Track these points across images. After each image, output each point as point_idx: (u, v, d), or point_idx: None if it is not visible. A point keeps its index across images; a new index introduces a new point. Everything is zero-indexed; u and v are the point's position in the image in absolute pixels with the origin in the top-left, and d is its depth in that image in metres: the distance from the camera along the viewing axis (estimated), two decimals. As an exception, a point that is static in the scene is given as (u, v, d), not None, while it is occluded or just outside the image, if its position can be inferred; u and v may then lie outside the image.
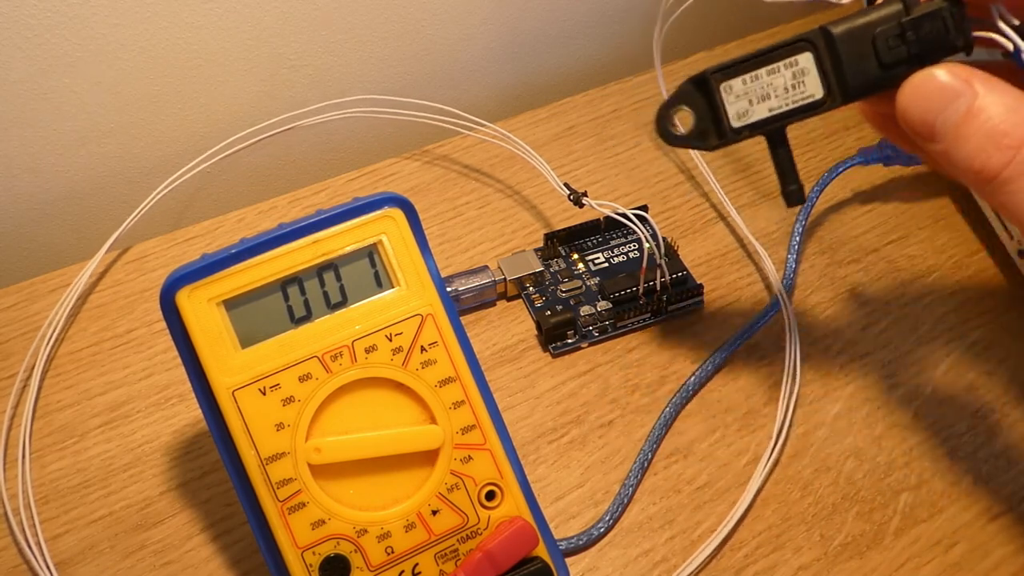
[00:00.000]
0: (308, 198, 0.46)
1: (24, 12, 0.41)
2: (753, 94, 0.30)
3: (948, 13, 0.27)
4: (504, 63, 0.50)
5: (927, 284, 0.42)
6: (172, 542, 0.34)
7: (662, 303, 0.40)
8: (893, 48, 0.28)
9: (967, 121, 0.26)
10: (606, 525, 0.34)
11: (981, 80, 0.26)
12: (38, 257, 0.48)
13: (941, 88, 0.27)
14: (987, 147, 0.26)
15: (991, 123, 0.26)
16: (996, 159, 0.26)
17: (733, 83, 0.30)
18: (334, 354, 0.29)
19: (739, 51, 0.54)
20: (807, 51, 0.29)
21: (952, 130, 0.26)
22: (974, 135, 0.26)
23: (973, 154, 0.26)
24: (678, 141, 0.31)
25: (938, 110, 0.27)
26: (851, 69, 0.28)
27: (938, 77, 0.27)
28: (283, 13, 0.46)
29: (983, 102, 0.26)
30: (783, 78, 0.29)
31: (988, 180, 0.26)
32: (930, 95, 0.27)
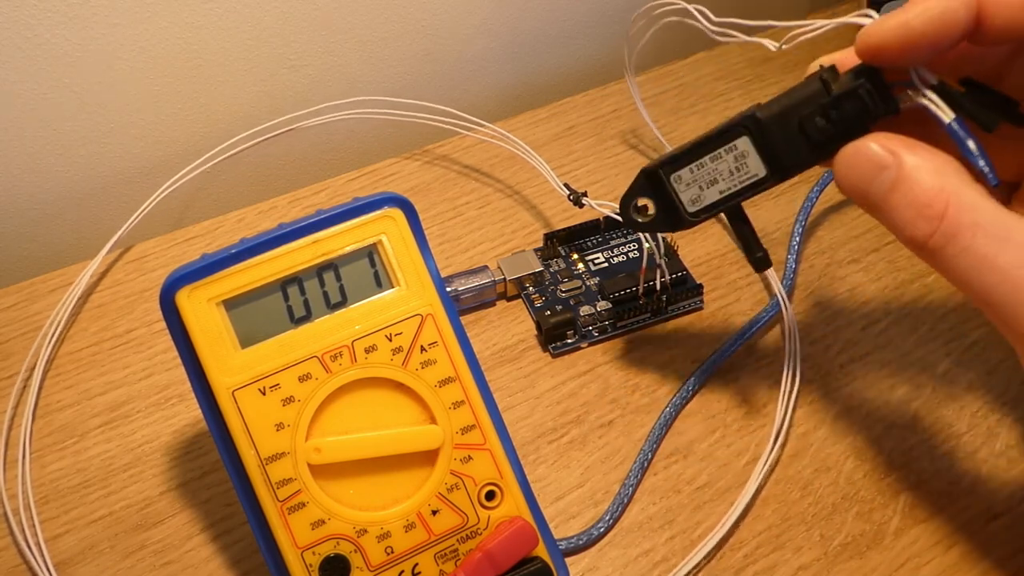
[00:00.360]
0: (308, 198, 0.46)
1: (24, 12, 0.41)
2: (702, 180, 0.31)
3: (865, 91, 0.28)
4: (504, 63, 0.50)
5: (927, 284, 0.42)
6: (172, 542, 0.34)
7: (662, 303, 0.40)
8: (820, 127, 0.29)
9: (894, 192, 0.27)
10: (606, 525, 0.34)
11: (907, 148, 0.27)
12: (38, 257, 0.48)
13: (868, 160, 0.27)
14: (914, 217, 0.26)
15: (914, 193, 0.26)
16: (922, 229, 0.26)
17: (681, 173, 0.31)
18: (334, 354, 0.29)
19: (739, 50, 0.54)
20: (744, 135, 0.30)
21: (882, 201, 0.27)
22: (901, 206, 0.27)
23: (903, 224, 0.27)
24: (643, 227, 0.33)
25: (868, 181, 0.27)
26: (783, 150, 0.30)
27: (864, 150, 0.28)
28: (283, 13, 0.46)
29: (908, 172, 0.27)
30: (726, 162, 0.31)
31: (920, 248, 0.27)
32: (859, 167, 0.28)
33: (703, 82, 0.52)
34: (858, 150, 0.28)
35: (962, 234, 0.26)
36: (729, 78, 0.52)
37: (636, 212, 0.33)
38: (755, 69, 0.53)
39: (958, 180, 0.26)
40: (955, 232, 0.26)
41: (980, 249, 0.26)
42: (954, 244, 0.26)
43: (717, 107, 0.51)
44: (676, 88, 0.52)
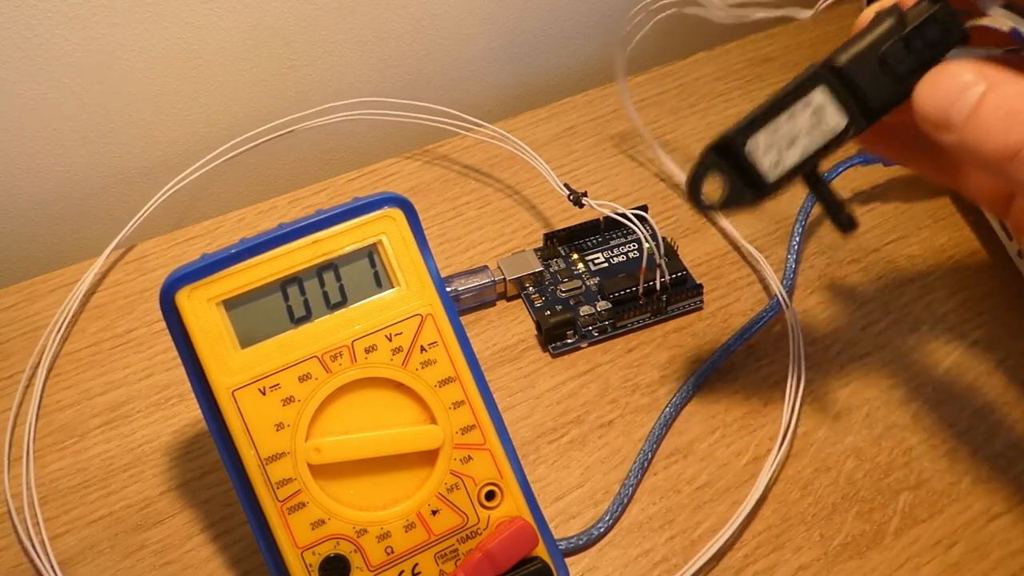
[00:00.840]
0: (308, 198, 0.46)
1: (24, 12, 0.41)
2: (780, 143, 0.30)
3: (945, 13, 0.28)
4: (504, 63, 0.50)
5: (927, 284, 0.42)
6: (172, 542, 0.34)
7: (662, 303, 0.40)
8: (903, 60, 0.28)
9: (982, 104, 0.26)
10: (606, 525, 0.34)
11: (994, 69, 0.27)
12: (38, 257, 0.48)
13: (955, 79, 0.27)
14: (1004, 125, 0.26)
15: (1007, 102, 0.26)
16: (1015, 135, 0.26)
17: (759, 139, 0.30)
18: (334, 354, 0.29)
19: (739, 50, 0.54)
20: (820, 85, 0.29)
21: (968, 115, 0.27)
22: (991, 115, 0.26)
23: (990, 135, 0.26)
24: (715, 208, 0.31)
25: (953, 99, 0.27)
26: (870, 91, 0.29)
27: (952, 69, 0.27)
28: (283, 13, 0.46)
29: (997, 86, 0.26)
30: (803, 119, 0.29)
31: (1009, 158, 0.26)
32: (946, 87, 0.27)
33: (703, 82, 0.52)
34: (944, 70, 0.27)
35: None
36: (729, 78, 0.52)
37: (705, 196, 0.30)
38: (755, 69, 0.53)
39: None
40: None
41: None
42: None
43: (717, 107, 0.51)
44: (676, 88, 0.52)
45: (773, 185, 0.30)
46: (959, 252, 0.43)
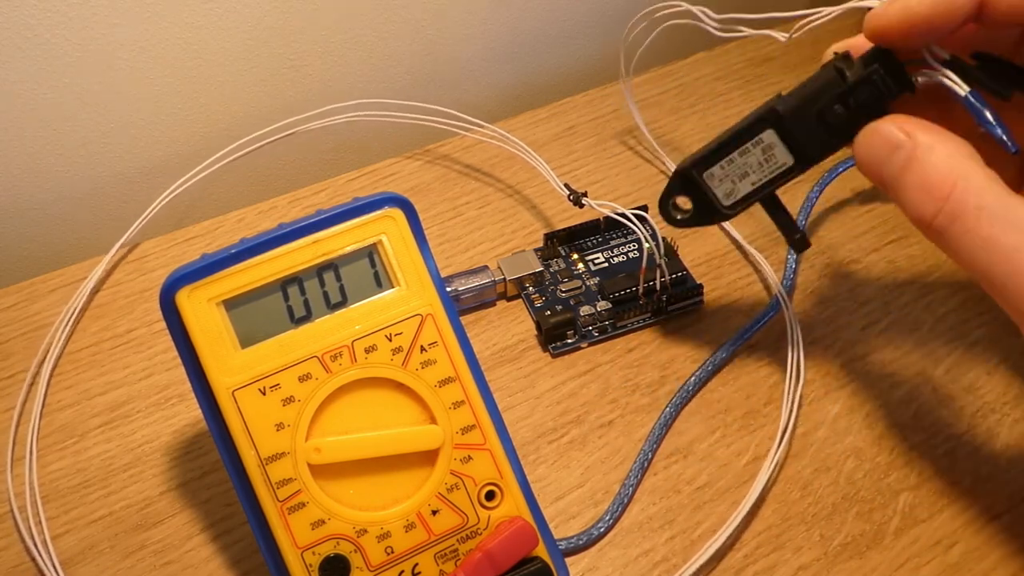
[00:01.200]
0: (308, 198, 0.46)
1: (24, 12, 0.41)
2: (733, 175, 0.33)
3: (879, 76, 0.29)
4: (504, 63, 0.50)
5: (927, 284, 0.42)
6: (172, 542, 0.34)
7: (662, 303, 0.40)
8: (839, 115, 0.30)
9: (905, 171, 0.28)
10: (606, 525, 0.34)
11: (921, 130, 0.28)
12: (38, 257, 0.48)
13: (883, 140, 0.28)
14: (922, 197, 0.27)
15: (924, 173, 0.27)
16: (928, 208, 0.27)
17: (714, 171, 0.33)
18: (334, 354, 0.29)
19: (739, 50, 0.54)
20: (769, 128, 0.32)
21: (894, 180, 0.28)
22: (911, 185, 0.27)
23: (911, 204, 0.28)
24: (682, 223, 0.35)
25: (883, 161, 0.28)
26: (807, 140, 0.31)
27: (880, 130, 0.28)
28: (283, 13, 0.46)
29: (920, 152, 0.27)
30: (755, 155, 0.32)
31: (926, 228, 0.27)
32: (875, 147, 0.29)
33: (703, 82, 0.52)
34: (874, 130, 0.29)
35: (967, 216, 0.26)
36: (729, 78, 0.52)
37: (675, 210, 0.35)
38: (755, 69, 0.53)
39: (969, 163, 0.27)
40: (960, 213, 0.26)
41: (983, 231, 0.26)
42: (958, 225, 0.26)
43: (717, 107, 0.51)
44: (676, 88, 0.52)
45: (729, 210, 0.34)
46: (959, 252, 0.43)
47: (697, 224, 0.35)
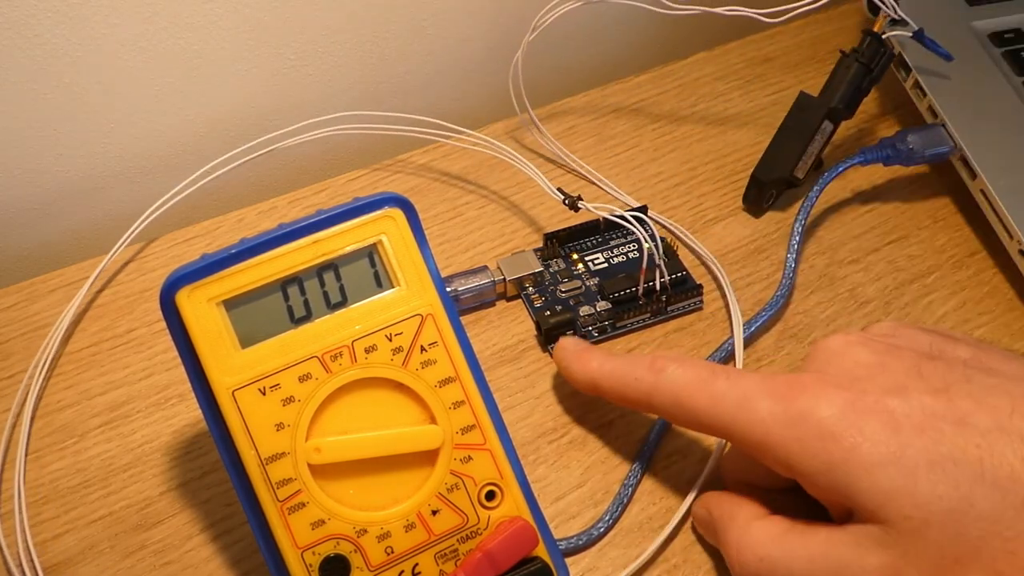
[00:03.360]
0: (308, 198, 0.46)
1: (24, 12, 0.41)
2: (806, 159, 0.44)
3: (875, 39, 0.43)
4: (503, 63, 0.50)
5: (927, 284, 0.42)
6: (172, 542, 0.34)
7: (662, 303, 0.40)
8: (864, 77, 0.44)
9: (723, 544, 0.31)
10: (606, 525, 0.34)
11: (718, 505, 0.32)
12: (38, 257, 0.48)
13: (699, 520, 0.34)
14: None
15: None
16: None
17: (797, 165, 0.44)
18: (334, 354, 0.29)
19: (739, 50, 0.54)
20: (827, 120, 0.44)
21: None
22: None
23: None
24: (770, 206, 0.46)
25: (711, 532, 0.33)
26: (845, 110, 0.44)
27: (696, 513, 0.34)
28: (284, 13, 0.46)
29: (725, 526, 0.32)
30: (818, 142, 0.44)
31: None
32: (701, 525, 0.34)
33: (703, 82, 0.52)
34: (693, 511, 0.33)
35: (762, 567, 0.29)
36: (729, 78, 0.52)
37: (767, 200, 0.45)
38: (755, 69, 0.53)
39: (747, 516, 0.30)
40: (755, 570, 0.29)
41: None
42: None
43: (717, 107, 0.51)
44: (676, 88, 0.52)
45: (801, 181, 0.45)
46: (959, 252, 0.43)
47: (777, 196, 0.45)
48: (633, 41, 0.58)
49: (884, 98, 0.51)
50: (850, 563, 0.27)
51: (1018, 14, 0.48)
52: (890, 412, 0.27)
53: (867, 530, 0.27)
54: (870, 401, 0.28)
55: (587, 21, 0.55)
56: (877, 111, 0.50)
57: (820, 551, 0.28)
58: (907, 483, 0.26)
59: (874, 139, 0.47)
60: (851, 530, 0.27)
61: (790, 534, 0.29)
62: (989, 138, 0.43)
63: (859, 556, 0.27)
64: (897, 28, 0.43)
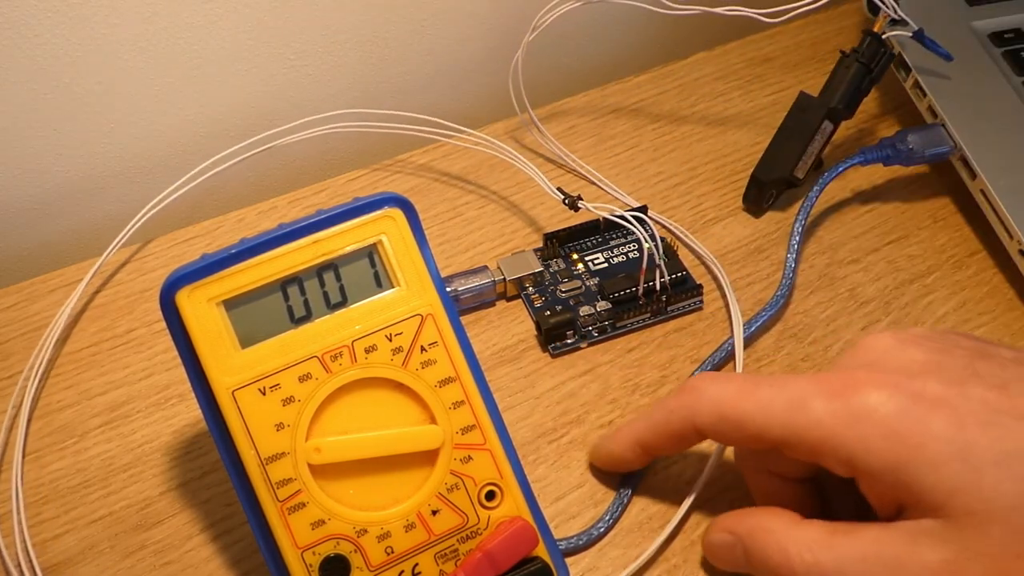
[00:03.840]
0: (308, 198, 0.46)
1: (24, 12, 0.41)
2: (806, 158, 0.44)
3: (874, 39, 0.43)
4: (503, 63, 0.50)
5: (927, 284, 0.42)
6: (172, 542, 0.34)
7: (662, 303, 0.40)
8: (864, 77, 0.44)
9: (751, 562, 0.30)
10: (606, 525, 0.34)
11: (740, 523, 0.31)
12: (38, 257, 0.48)
13: (718, 546, 0.32)
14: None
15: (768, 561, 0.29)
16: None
17: (797, 165, 0.44)
18: (334, 354, 0.29)
19: (739, 50, 0.54)
20: (827, 120, 0.44)
21: (751, 569, 0.30)
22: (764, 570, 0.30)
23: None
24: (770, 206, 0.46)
25: (730, 561, 0.31)
26: (845, 110, 0.44)
27: (711, 539, 0.32)
28: (284, 13, 0.46)
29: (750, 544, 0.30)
30: (818, 141, 0.44)
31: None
32: (716, 554, 0.32)
33: (703, 82, 0.52)
34: (709, 542, 0.32)
35: (814, 571, 0.28)
36: (729, 78, 0.52)
37: (767, 200, 0.45)
38: (755, 69, 0.53)
39: (782, 525, 0.29)
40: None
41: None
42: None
43: (717, 107, 0.51)
44: (676, 88, 0.52)
45: (801, 181, 0.45)
46: (959, 252, 0.43)
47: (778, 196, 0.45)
48: (633, 41, 0.58)
49: (884, 98, 0.51)
50: (907, 560, 0.26)
51: (1018, 14, 0.48)
52: (953, 408, 0.27)
53: (923, 525, 0.26)
54: (931, 398, 0.27)
55: (587, 21, 0.55)
56: (877, 111, 0.50)
57: (873, 550, 0.27)
58: (973, 479, 0.26)
59: (874, 139, 0.47)
60: (905, 527, 0.27)
61: (837, 536, 0.28)
62: (989, 138, 0.43)
63: (916, 552, 0.26)
64: (897, 28, 0.43)
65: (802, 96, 0.44)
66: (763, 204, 0.45)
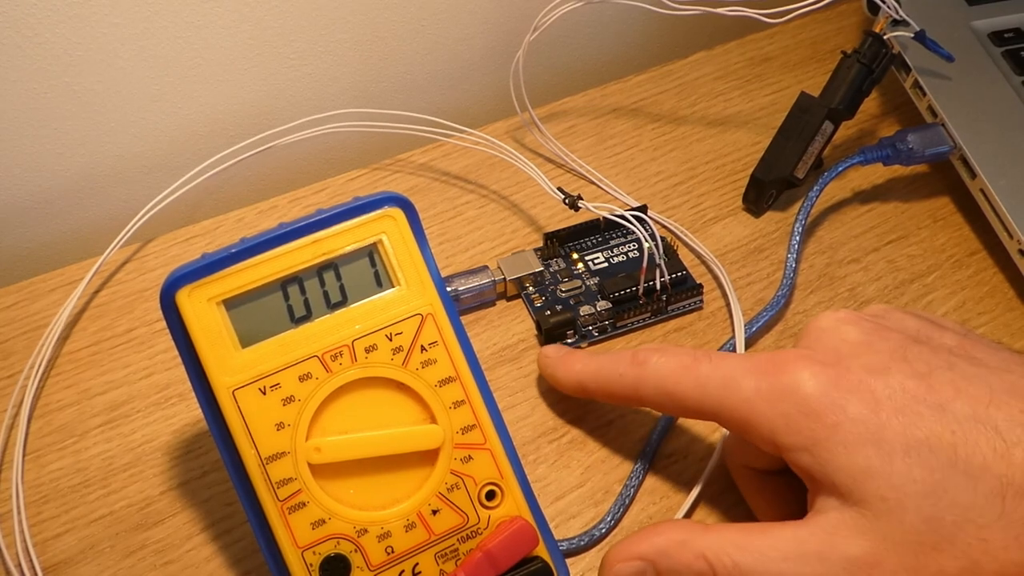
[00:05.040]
0: (308, 198, 0.46)
1: (24, 12, 0.41)
2: (807, 158, 0.44)
3: (875, 40, 0.43)
4: (504, 63, 0.50)
5: (927, 284, 0.42)
6: (172, 542, 0.34)
7: (662, 303, 0.40)
8: (864, 78, 0.44)
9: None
10: (608, 526, 0.34)
11: (643, 545, 0.30)
12: (38, 257, 0.48)
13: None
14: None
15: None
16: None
17: (797, 165, 0.44)
18: (334, 354, 0.29)
19: (739, 50, 0.54)
20: (827, 120, 0.44)
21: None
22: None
23: None
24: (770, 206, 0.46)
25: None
26: (846, 110, 0.44)
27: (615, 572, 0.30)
28: (284, 12, 0.46)
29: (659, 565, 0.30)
30: (819, 142, 0.44)
31: None
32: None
33: (703, 82, 0.52)
34: (613, 574, 0.30)
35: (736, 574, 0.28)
36: (729, 78, 0.52)
37: (767, 200, 0.45)
38: (755, 69, 0.53)
39: (693, 534, 0.29)
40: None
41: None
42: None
43: (717, 107, 0.51)
44: (676, 88, 0.52)
45: (801, 181, 0.45)
46: (959, 252, 0.43)
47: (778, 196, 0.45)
48: (633, 41, 0.58)
49: (884, 98, 0.51)
50: (828, 554, 0.27)
51: (1018, 14, 0.48)
52: (871, 392, 0.27)
53: (841, 517, 0.27)
54: (853, 379, 0.28)
55: (587, 21, 0.55)
56: (877, 111, 0.50)
57: (792, 548, 0.27)
58: (884, 464, 0.26)
59: (874, 139, 0.47)
60: (821, 521, 0.27)
61: (754, 536, 0.28)
62: (989, 138, 0.43)
63: (836, 545, 0.27)
64: (898, 29, 0.43)
65: (803, 96, 0.44)
66: (763, 204, 0.45)
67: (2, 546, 0.34)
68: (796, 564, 0.27)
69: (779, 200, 0.45)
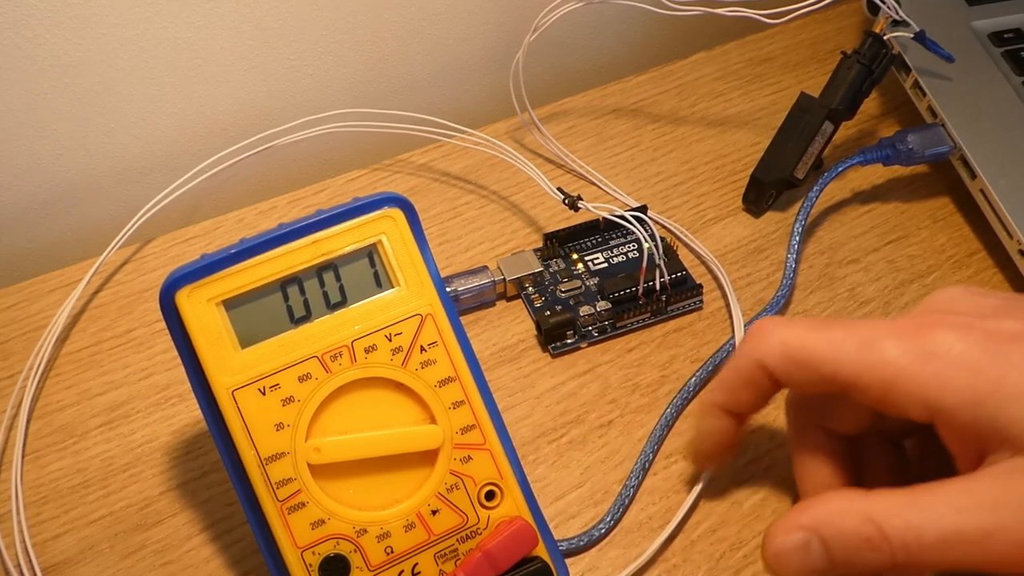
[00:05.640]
0: (308, 198, 0.46)
1: (24, 12, 0.41)
2: (807, 158, 0.45)
3: (875, 40, 0.43)
4: (504, 63, 0.50)
5: (927, 284, 0.42)
6: (172, 542, 0.34)
7: (662, 303, 0.40)
8: (864, 78, 0.44)
9: (832, 552, 0.27)
10: (607, 526, 0.34)
11: (804, 513, 0.27)
12: (38, 257, 0.48)
13: (791, 550, 0.27)
14: (868, 558, 0.26)
15: (847, 539, 0.26)
16: (883, 558, 0.26)
17: (797, 165, 0.45)
18: (334, 354, 0.29)
19: (739, 50, 0.54)
20: (827, 120, 0.44)
21: (834, 566, 0.27)
22: (848, 559, 0.27)
23: (870, 570, 0.27)
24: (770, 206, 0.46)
25: (807, 569, 0.27)
26: (846, 110, 0.44)
27: (776, 544, 0.27)
28: (284, 13, 0.46)
29: (824, 529, 0.27)
30: (819, 142, 0.44)
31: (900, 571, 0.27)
32: (789, 562, 0.27)
33: (703, 82, 0.52)
34: (777, 550, 0.27)
35: (908, 535, 0.26)
36: (729, 78, 0.52)
37: (767, 200, 0.45)
38: (755, 69, 0.53)
39: (854, 500, 0.27)
40: (903, 541, 0.26)
41: (933, 533, 0.25)
42: (916, 544, 0.26)
43: (717, 107, 0.51)
44: (676, 88, 0.52)
45: (801, 181, 0.45)
46: (959, 252, 0.43)
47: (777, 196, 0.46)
48: (633, 41, 0.58)
49: (884, 98, 0.51)
50: (1006, 500, 0.25)
51: (1018, 14, 0.48)
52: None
53: (1015, 464, 0.26)
54: (1008, 333, 0.27)
55: (587, 21, 0.55)
56: (877, 111, 0.50)
57: (966, 500, 0.26)
58: None
59: (874, 139, 0.47)
60: (993, 471, 0.26)
61: (919, 495, 0.26)
62: (989, 138, 0.43)
63: (1013, 490, 0.25)
64: (898, 29, 0.43)
65: (803, 97, 0.44)
66: (763, 204, 0.45)
67: (1, 547, 0.33)
68: (971, 515, 0.25)
69: (779, 200, 0.45)
